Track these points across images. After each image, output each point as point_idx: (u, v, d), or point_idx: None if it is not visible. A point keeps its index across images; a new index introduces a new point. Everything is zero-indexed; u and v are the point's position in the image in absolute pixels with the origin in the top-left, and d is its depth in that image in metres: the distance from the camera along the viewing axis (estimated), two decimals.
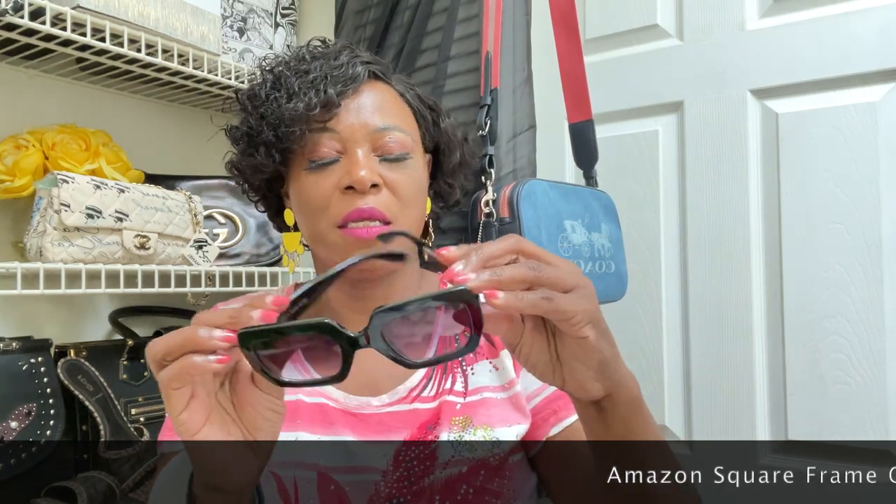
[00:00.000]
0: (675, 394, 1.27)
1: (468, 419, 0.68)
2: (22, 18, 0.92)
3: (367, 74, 0.71)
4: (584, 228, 1.00)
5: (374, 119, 0.69)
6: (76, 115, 1.15)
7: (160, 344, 0.44)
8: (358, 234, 0.66)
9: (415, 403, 0.70)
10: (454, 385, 0.71)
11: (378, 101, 0.70)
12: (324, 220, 0.67)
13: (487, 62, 0.98)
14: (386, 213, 0.66)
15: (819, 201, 1.14)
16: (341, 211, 0.66)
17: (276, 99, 0.68)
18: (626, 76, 1.33)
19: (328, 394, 0.71)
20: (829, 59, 1.14)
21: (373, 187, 0.66)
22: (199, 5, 1.10)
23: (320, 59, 0.70)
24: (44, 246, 0.95)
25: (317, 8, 1.42)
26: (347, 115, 0.68)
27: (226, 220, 1.26)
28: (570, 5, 1.09)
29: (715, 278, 1.23)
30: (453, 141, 0.78)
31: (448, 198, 0.80)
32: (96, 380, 1.07)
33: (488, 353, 0.73)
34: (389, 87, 0.73)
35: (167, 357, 0.44)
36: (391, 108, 0.71)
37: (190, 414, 0.44)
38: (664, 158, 1.30)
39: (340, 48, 0.72)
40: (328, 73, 0.68)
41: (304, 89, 0.67)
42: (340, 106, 0.68)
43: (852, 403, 1.10)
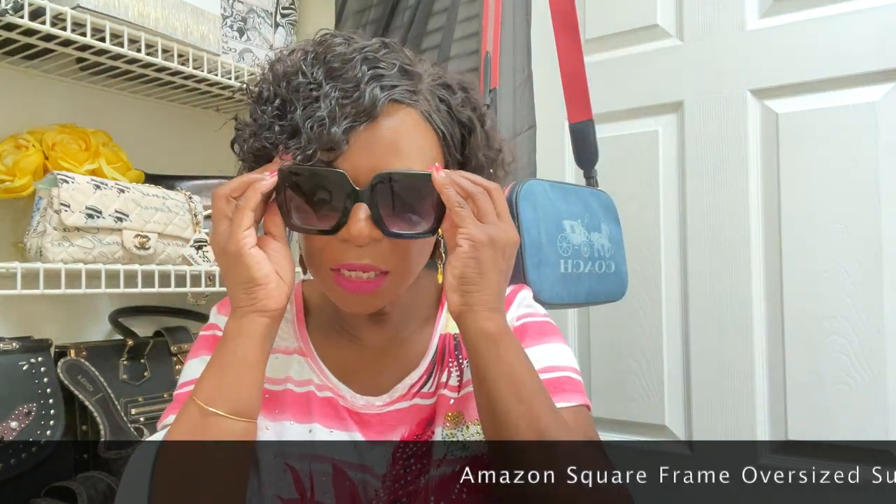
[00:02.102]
0: (675, 394, 1.27)
1: (460, 415, 0.68)
2: (22, 18, 0.92)
3: (386, 102, 0.61)
4: (584, 228, 1.00)
5: (386, 159, 0.61)
6: (76, 115, 1.15)
7: (229, 184, 0.63)
8: (349, 287, 0.63)
9: (415, 399, 0.70)
10: (449, 379, 0.70)
11: (393, 137, 0.62)
12: (318, 259, 0.64)
13: (487, 62, 0.98)
14: (381, 266, 0.62)
15: (819, 201, 1.14)
16: (335, 258, 0.63)
17: (278, 132, 0.61)
18: (626, 76, 1.33)
19: (337, 390, 0.70)
20: (829, 59, 1.14)
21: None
22: (199, 5, 1.10)
23: (334, 77, 0.61)
24: (44, 246, 0.95)
25: (317, 8, 1.42)
26: (355, 154, 0.60)
27: None
28: (570, 5, 1.10)
29: (715, 278, 1.23)
30: (482, 161, 0.69)
31: None
32: (96, 380, 1.07)
33: None
34: (413, 110, 0.63)
35: (234, 192, 0.62)
36: (408, 143, 0.62)
37: (251, 232, 0.61)
38: (664, 158, 1.30)
39: (363, 59, 0.62)
40: (338, 105, 0.60)
41: (308, 127, 0.59)
42: (349, 143, 0.60)
43: (852, 403, 1.10)
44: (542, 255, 0.91)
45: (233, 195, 0.62)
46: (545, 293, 0.90)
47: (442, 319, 0.75)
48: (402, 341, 0.73)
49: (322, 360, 0.72)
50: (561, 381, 0.68)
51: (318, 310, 0.77)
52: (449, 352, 0.72)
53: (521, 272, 0.89)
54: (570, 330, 1.39)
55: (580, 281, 0.97)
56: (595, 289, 1.00)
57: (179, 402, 0.70)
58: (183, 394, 0.70)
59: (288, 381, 0.71)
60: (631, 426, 1.30)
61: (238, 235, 0.60)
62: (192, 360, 0.73)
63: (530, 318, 0.73)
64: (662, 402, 1.27)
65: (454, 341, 0.73)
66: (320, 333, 0.75)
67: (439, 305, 0.76)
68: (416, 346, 0.73)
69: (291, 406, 0.70)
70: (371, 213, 0.60)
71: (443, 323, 0.74)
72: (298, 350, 0.73)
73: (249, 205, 0.61)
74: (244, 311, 0.62)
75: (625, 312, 1.29)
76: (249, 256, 0.60)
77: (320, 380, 0.71)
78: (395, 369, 0.72)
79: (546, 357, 0.69)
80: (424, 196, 0.62)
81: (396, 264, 0.63)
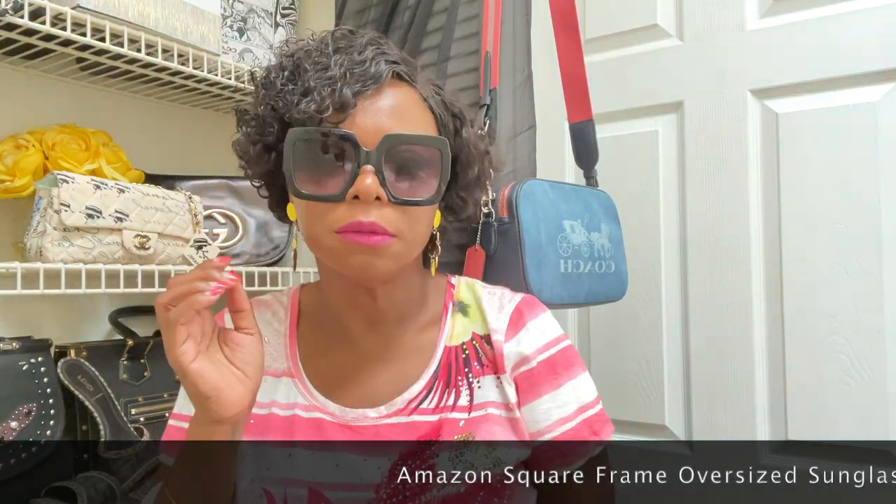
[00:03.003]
0: (675, 394, 1.27)
1: (470, 435, 0.67)
2: (22, 18, 0.92)
3: (390, 74, 0.65)
4: (584, 228, 1.00)
5: (391, 124, 0.63)
6: (76, 115, 1.15)
7: (168, 292, 0.58)
8: (357, 238, 0.62)
9: (413, 416, 0.68)
10: (458, 400, 0.69)
11: (397, 105, 0.65)
12: (321, 225, 0.63)
13: (487, 62, 0.98)
14: (388, 228, 0.62)
15: (819, 201, 1.14)
16: (340, 220, 0.62)
17: (290, 92, 0.64)
18: (626, 76, 1.33)
19: (325, 408, 0.70)
20: (828, 59, 1.14)
21: (378, 198, 0.62)
22: (199, 5, 1.10)
23: (343, 52, 0.65)
24: (44, 246, 0.95)
25: (317, 8, 1.42)
26: (363, 117, 0.63)
27: (226, 220, 1.26)
28: (570, 5, 1.09)
29: (715, 278, 1.23)
30: (473, 153, 0.72)
31: (460, 212, 0.75)
32: (96, 380, 1.07)
33: (494, 368, 0.71)
34: (413, 89, 0.68)
35: (174, 301, 0.57)
36: (411, 114, 0.66)
37: (188, 346, 0.57)
38: (664, 158, 1.30)
39: (367, 41, 0.67)
40: (348, 70, 0.63)
41: (320, 87, 0.62)
42: (356, 106, 0.63)
43: (852, 403, 1.10)
44: (542, 255, 0.91)
45: (171, 304, 0.57)
46: (545, 293, 0.90)
47: (446, 329, 0.73)
48: (399, 346, 0.72)
49: (311, 376, 0.72)
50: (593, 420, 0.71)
51: (314, 316, 0.76)
52: (458, 370, 0.70)
53: (522, 272, 0.89)
54: (570, 330, 1.39)
55: (580, 281, 0.97)
56: (595, 289, 1.00)
57: (171, 432, 0.73)
58: (173, 427, 0.74)
59: (273, 406, 0.71)
60: (631, 426, 1.30)
61: (174, 353, 0.57)
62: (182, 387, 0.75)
63: (554, 350, 0.72)
64: (662, 402, 1.27)
65: (463, 354, 0.71)
66: (314, 341, 0.74)
67: (443, 312, 0.74)
68: (416, 355, 0.72)
69: (274, 430, 0.69)
70: (378, 177, 0.61)
71: (447, 333, 0.73)
72: (287, 371, 0.73)
73: (180, 320, 0.57)
74: (200, 420, 0.60)
75: (625, 312, 1.29)
76: (192, 373, 0.57)
77: (307, 400, 0.70)
78: (391, 378, 0.71)
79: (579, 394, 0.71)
80: (429, 162, 0.64)
81: (401, 229, 0.63)
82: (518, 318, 0.72)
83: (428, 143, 0.65)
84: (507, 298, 0.74)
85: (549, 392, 0.69)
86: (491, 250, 0.91)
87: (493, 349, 0.70)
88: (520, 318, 0.72)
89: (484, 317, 0.73)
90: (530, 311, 0.73)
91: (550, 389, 0.69)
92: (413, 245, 0.66)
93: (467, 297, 0.75)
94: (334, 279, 0.71)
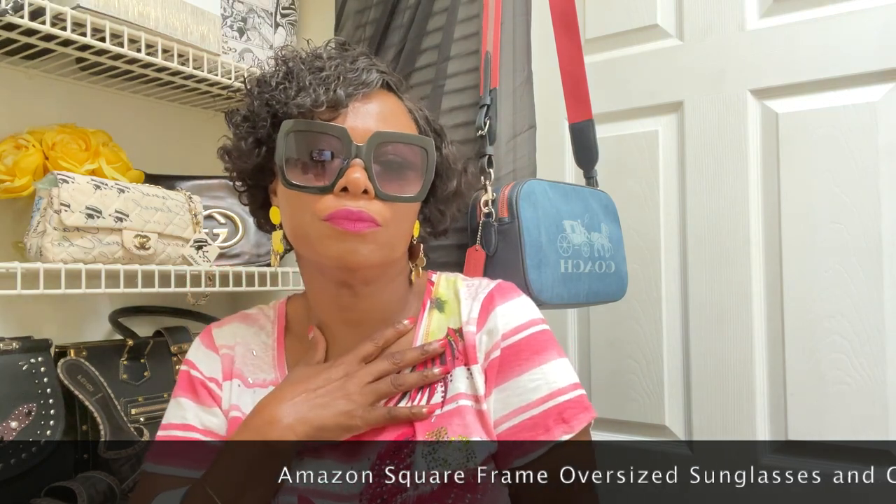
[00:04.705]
0: (675, 394, 1.27)
1: (442, 430, 0.67)
2: (22, 18, 0.92)
3: (380, 83, 0.70)
4: (584, 228, 1.00)
5: (379, 126, 0.67)
6: (76, 115, 1.15)
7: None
8: (344, 224, 0.64)
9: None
10: (432, 398, 0.69)
11: (385, 111, 0.69)
12: (308, 213, 0.65)
13: (487, 62, 0.98)
14: (376, 217, 0.65)
15: (819, 201, 1.14)
16: (328, 208, 0.64)
17: (284, 89, 0.67)
18: (626, 76, 1.33)
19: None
20: (829, 59, 1.14)
21: (365, 192, 0.64)
22: (199, 5, 1.10)
23: (337, 59, 0.70)
24: (44, 246, 0.95)
25: (317, 8, 1.42)
26: (353, 118, 0.67)
27: (226, 220, 1.26)
28: (570, 5, 1.09)
29: (715, 278, 1.22)
30: (452, 168, 0.76)
31: (437, 224, 0.78)
32: (96, 380, 1.07)
33: (465, 359, 0.70)
34: (400, 101, 0.73)
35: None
36: (397, 121, 0.70)
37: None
38: (664, 158, 1.30)
39: (359, 54, 0.72)
40: (342, 74, 0.67)
41: (315, 85, 0.66)
42: (348, 107, 0.67)
43: (852, 403, 1.10)
44: (542, 255, 0.91)
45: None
46: (545, 293, 0.90)
47: (422, 328, 0.74)
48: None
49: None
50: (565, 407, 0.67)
51: (300, 325, 0.78)
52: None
53: (522, 272, 0.89)
54: (570, 330, 1.39)
55: (580, 281, 0.97)
56: (595, 289, 1.00)
57: (161, 450, 0.72)
58: (164, 437, 0.73)
59: None
60: (631, 426, 1.30)
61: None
62: (172, 400, 0.75)
63: (520, 335, 0.70)
64: (662, 402, 1.27)
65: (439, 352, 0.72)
66: (300, 350, 0.75)
67: (420, 313, 0.75)
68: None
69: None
70: (367, 171, 0.65)
71: (423, 332, 0.73)
72: (274, 381, 0.74)
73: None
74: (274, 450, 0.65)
75: (625, 312, 1.29)
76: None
77: None
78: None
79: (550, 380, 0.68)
80: (414, 162, 0.68)
81: (387, 219, 0.66)
82: (488, 305, 0.72)
83: (414, 143, 0.69)
84: (483, 287, 0.74)
85: (512, 378, 0.68)
86: (491, 250, 0.92)
87: (465, 341, 0.70)
88: (490, 304, 0.71)
89: (459, 310, 0.73)
90: (501, 297, 0.72)
91: (514, 376, 0.68)
92: (396, 239, 0.68)
93: (445, 293, 0.76)
94: (317, 281, 0.73)
